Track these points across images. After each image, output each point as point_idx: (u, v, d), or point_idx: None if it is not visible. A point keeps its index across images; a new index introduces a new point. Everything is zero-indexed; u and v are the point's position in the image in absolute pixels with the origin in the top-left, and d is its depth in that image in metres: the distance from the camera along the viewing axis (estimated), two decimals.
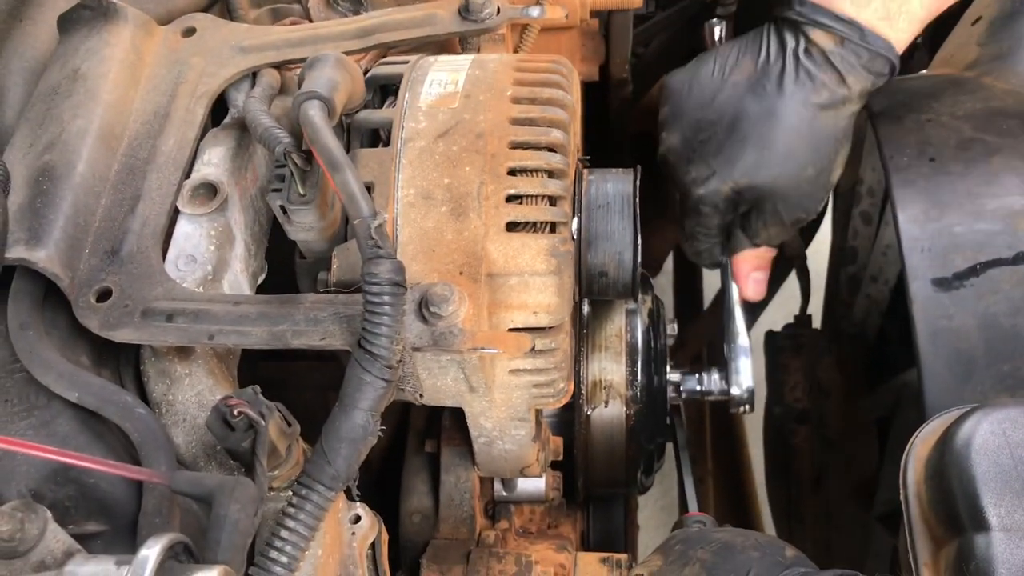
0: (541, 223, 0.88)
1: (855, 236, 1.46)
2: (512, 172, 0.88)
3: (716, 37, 1.42)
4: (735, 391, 1.23)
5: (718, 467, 1.93)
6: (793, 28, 1.09)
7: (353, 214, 0.78)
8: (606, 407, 1.22)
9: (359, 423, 0.76)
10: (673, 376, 1.31)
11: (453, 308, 0.81)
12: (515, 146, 0.89)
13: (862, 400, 1.45)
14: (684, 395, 1.29)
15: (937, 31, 1.43)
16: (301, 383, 1.41)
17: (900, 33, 1.10)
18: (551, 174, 0.89)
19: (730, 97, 1.12)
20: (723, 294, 1.30)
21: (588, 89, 1.53)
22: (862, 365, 1.48)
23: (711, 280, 2.15)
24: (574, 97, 0.97)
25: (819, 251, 1.75)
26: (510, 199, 0.88)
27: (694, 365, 1.37)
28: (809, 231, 1.82)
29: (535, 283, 0.87)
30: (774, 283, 1.88)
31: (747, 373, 1.24)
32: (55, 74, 1.01)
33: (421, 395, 0.88)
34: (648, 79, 1.79)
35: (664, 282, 2.45)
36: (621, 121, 1.60)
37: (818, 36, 1.08)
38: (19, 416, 0.84)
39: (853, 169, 1.48)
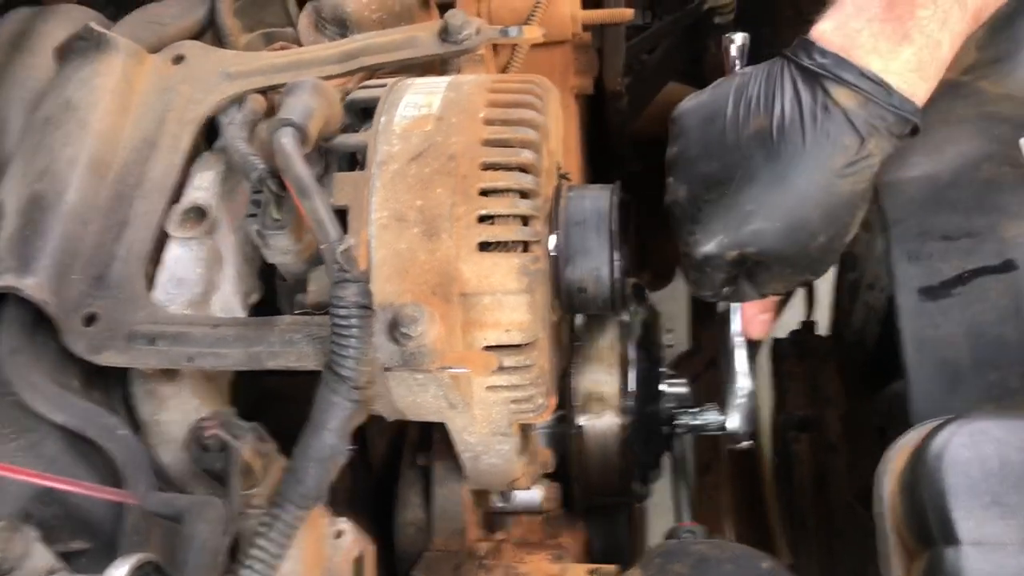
0: (513, 242, 0.90)
1: (854, 242, 1.45)
2: (484, 193, 0.90)
3: (735, 54, 1.29)
4: (730, 425, 1.22)
5: (734, 474, 1.93)
6: (811, 81, 0.97)
7: (321, 239, 0.80)
8: (599, 419, 1.23)
9: (328, 443, 0.79)
10: (669, 390, 1.32)
11: (422, 329, 0.83)
12: (486, 167, 0.90)
13: (862, 407, 1.45)
14: (679, 430, 1.29)
15: None
16: (305, 396, 1.44)
17: (929, 84, 1.00)
18: (522, 194, 0.90)
19: (742, 154, 1.00)
20: (726, 351, 1.27)
21: (587, 102, 1.54)
22: (862, 372, 1.47)
23: None
24: (550, 116, 0.98)
25: None
26: (482, 219, 0.89)
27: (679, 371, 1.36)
28: None
29: (508, 302, 0.89)
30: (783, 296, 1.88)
31: (746, 415, 1.22)
32: (48, 104, 1.04)
33: (391, 414, 0.90)
34: (652, 87, 1.80)
35: (678, 287, 2.45)
36: (619, 132, 1.60)
37: (839, 94, 0.96)
38: (9, 438, 0.87)
39: None
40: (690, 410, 1.30)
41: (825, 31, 0.98)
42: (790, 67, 1.00)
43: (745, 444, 1.25)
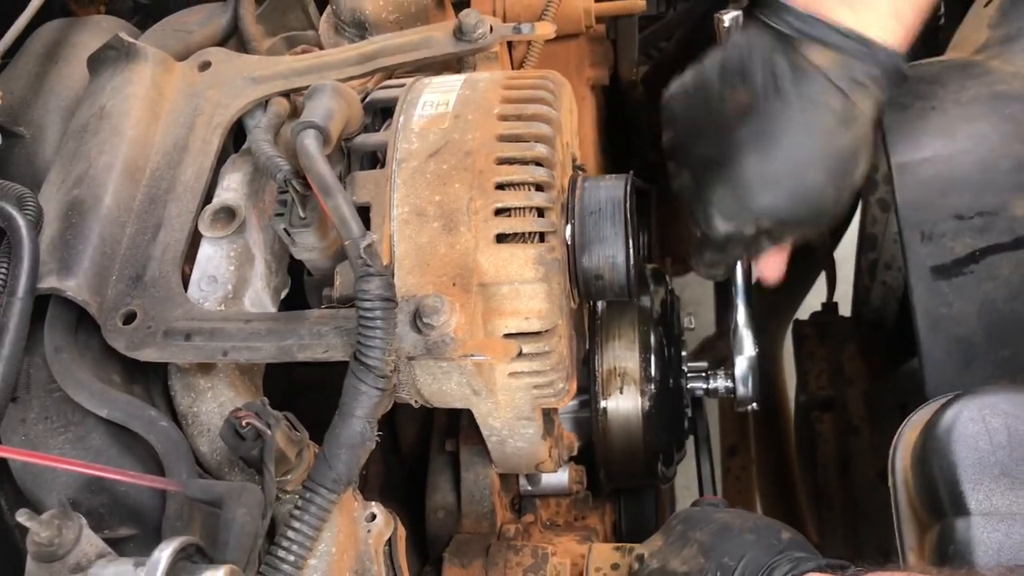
0: (530, 233, 0.93)
1: (873, 223, 1.48)
2: (500, 187, 0.93)
3: (726, 28, 1.34)
4: (741, 390, 1.26)
5: (761, 456, 1.95)
6: (786, 45, 0.95)
7: (344, 236, 0.84)
8: (621, 393, 1.25)
9: (357, 430, 0.82)
10: (689, 368, 1.34)
11: (444, 318, 0.86)
12: (502, 162, 0.94)
13: (883, 386, 1.46)
14: (691, 393, 1.32)
15: (963, 11, 1.43)
16: (331, 386, 1.48)
17: (908, 29, 0.96)
18: (537, 187, 0.93)
19: (732, 133, 0.99)
20: (732, 300, 1.30)
21: (603, 92, 1.57)
22: (882, 352, 1.49)
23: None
24: (563, 110, 1.01)
25: (850, 239, 1.76)
26: (498, 212, 0.92)
27: (706, 355, 1.39)
28: (840, 224, 1.82)
29: (525, 291, 0.92)
30: (806, 280, 1.89)
31: (752, 373, 1.25)
32: (84, 113, 1.09)
33: (417, 400, 0.93)
34: (669, 75, 1.82)
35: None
36: (636, 120, 1.63)
37: (816, 55, 0.94)
38: (57, 432, 0.92)
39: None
40: (701, 374, 1.33)
41: None
42: (765, 34, 0.97)
43: (753, 407, 1.28)
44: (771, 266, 1.18)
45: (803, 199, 1.00)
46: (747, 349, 1.26)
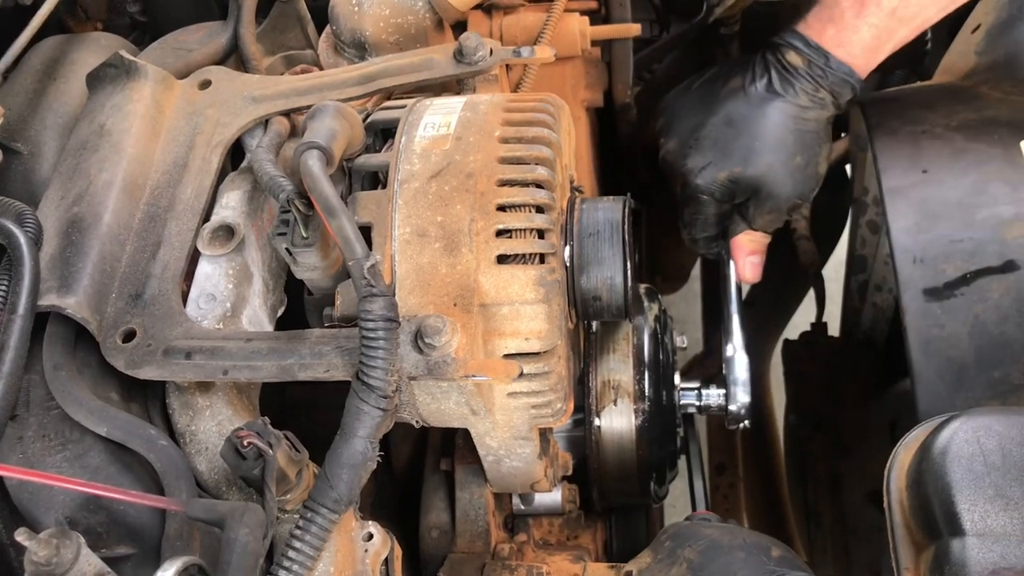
0: (530, 255, 0.94)
1: (863, 245, 1.49)
2: (501, 208, 0.94)
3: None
4: (732, 407, 1.27)
5: (749, 473, 1.96)
6: (773, 50, 1.24)
7: (348, 256, 0.84)
8: (615, 406, 1.26)
9: (359, 450, 0.83)
10: (681, 384, 1.35)
11: (446, 339, 0.87)
12: (503, 183, 0.94)
13: (872, 406, 1.48)
14: (683, 410, 1.33)
15: (950, 36, 1.46)
16: (329, 404, 1.48)
17: (856, 59, 1.22)
18: (538, 209, 0.94)
19: (723, 104, 1.26)
20: (722, 294, 1.36)
21: (597, 114, 1.58)
22: (873, 372, 1.51)
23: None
24: (562, 133, 1.02)
25: (839, 259, 1.77)
26: (500, 233, 0.93)
27: (694, 373, 1.40)
28: (828, 244, 1.85)
29: (525, 311, 0.93)
30: (795, 299, 1.92)
31: (744, 390, 1.27)
32: (84, 130, 1.09)
33: (418, 420, 0.94)
34: (661, 97, 1.84)
35: (691, 291, 2.48)
36: (629, 143, 1.64)
37: (792, 57, 1.23)
38: (55, 450, 0.92)
39: (861, 178, 1.51)
40: (694, 390, 1.34)
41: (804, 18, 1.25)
42: (763, 48, 1.27)
43: (745, 425, 1.29)
44: (750, 265, 1.37)
45: (775, 153, 1.23)
46: (740, 368, 1.28)
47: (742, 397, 1.28)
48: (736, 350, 1.31)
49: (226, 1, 1.30)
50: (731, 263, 1.37)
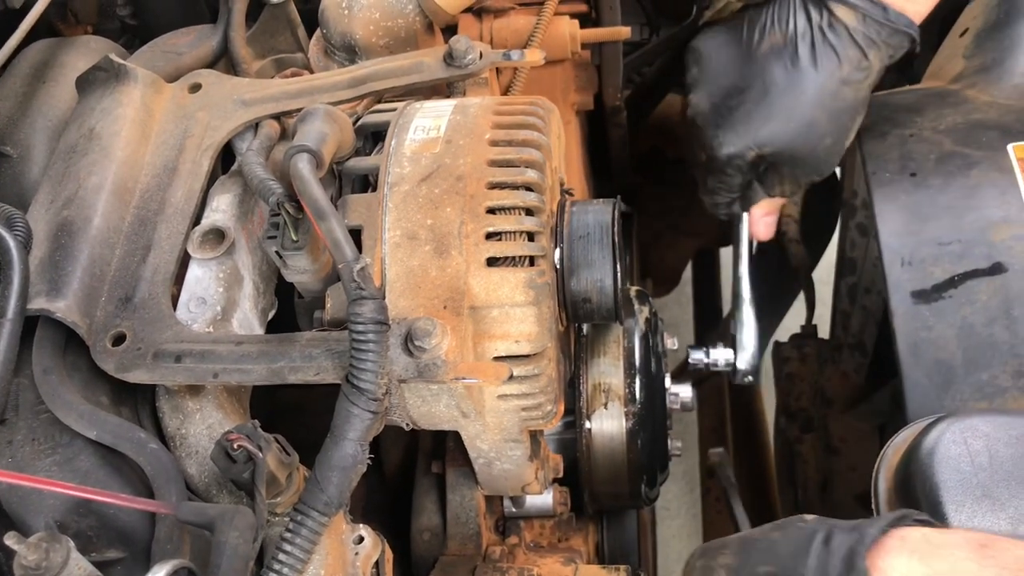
0: (520, 257, 0.94)
1: (852, 247, 1.50)
2: (491, 211, 0.94)
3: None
4: (740, 364, 1.28)
5: (740, 476, 1.96)
6: (818, 3, 1.14)
7: (338, 259, 0.85)
8: (606, 409, 1.26)
9: (349, 452, 0.83)
10: (674, 389, 1.36)
11: (436, 341, 0.87)
12: (493, 186, 0.95)
13: (861, 408, 1.49)
14: (691, 366, 1.34)
15: (941, 37, 1.47)
16: (319, 408, 1.48)
17: (919, 6, 1.14)
18: (528, 211, 0.95)
19: (759, 66, 1.18)
20: (734, 253, 1.36)
21: (587, 117, 1.59)
22: (862, 374, 1.51)
23: (728, 292, 2.19)
24: (552, 136, 1.03)
25: (828, 262, 1.78)
26: (489, 236, 0.93)
27: (686, 376, 1.41)
28: (818, 246, 1.86)
29: (515, 314, 0.93)
30: (786, 298, 1.92)
31: (751, 344, 1.28)
32: (73, 133, 1.09)
33: (408, 423, 0.94)
34: (651, 100, 1.85)
35: (682, 293, 2.49)
36: (619, 145, 1.65)
37: (842, 12, 1.13)
38: (45, 453, 0.91)
39: (850, 182, 1.51)
40: (700, 347, 1.35)
41: None
42: None
43: (748, 380, 1.30)
44: (764, 224, 1.34)
45: (805, 135, 1.16)
46: (748, 325, 1.29)
47: (751, 353, 1.29)
48: (745, 307, 1.31)
49: (216, 5, 1.30)
50: (743, 223, 1.36)
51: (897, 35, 1.14)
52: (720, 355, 1.35)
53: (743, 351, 1.32)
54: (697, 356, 1.36)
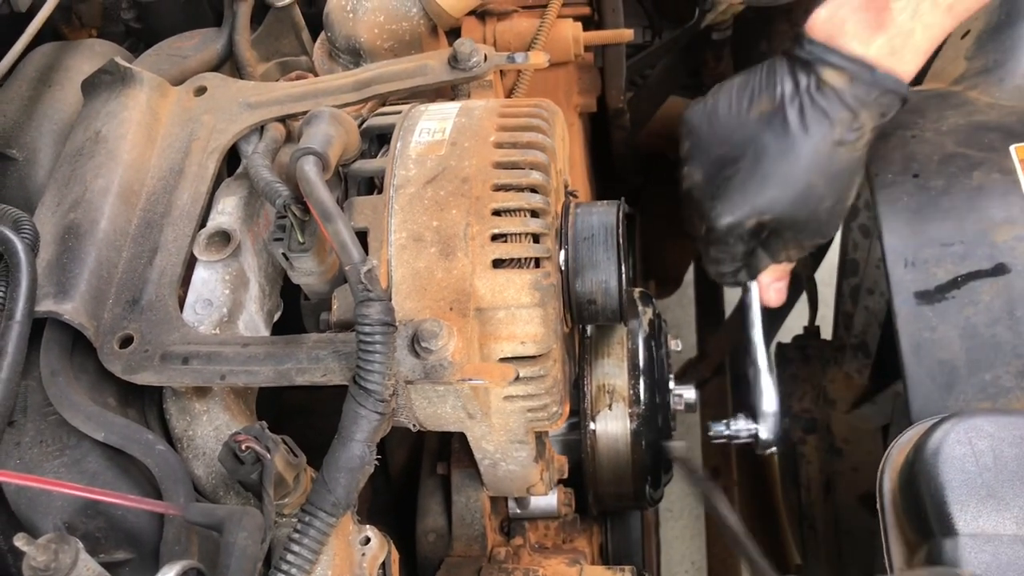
0: (525, 259, 0.94)
1: (855, 249, 1.50)
2: (496, 213, 0.94)
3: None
4: (763, 435, 1.26)
5: (743, 478, 1.97)
6: (805, 67, 1.11)
7: (345, 261, 0.85)
8: (610, 410, 1.27)
9: (356, 453, 0.83)
10: (677, 390, 1.36)
11: (442, 343, 0.87)
12: (498, 188, 0.95)
13: (865, 408, 1.49)
14: (711, 439, 1.32)
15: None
16: (326, 410, 1.48)
17: (907, 65, 1.11)
18: (533, 213, 0.95)
19: (750, 134, 1.14)
20: (744, 324, 1.32)
21: (590, 119, 1.59)
22: (865, 375, 1.52)
23: (731, 293, 2.19)
24: (556, 138, 1.03)
25: (831, 263, 1.79)
26: (495, 238, 0.94)
27: (688, 377, 1.40)
28: (820, 248, 1.86)
29: (521, 315, 0.93)
30: (789, 301, 1.93)
31: (773, 413, 1.26)
32: (79, 136, 1.09)
33: (415, 424, 0.94)
34: (654, 101, 1.85)
35: (685, 295, 2.50)
36: (622, 147, 1.65)
37: (829, 75, 1.09)
38: (53, 455, 0.92)
39: None
40: (722, 420, 1.33)
41: (817, 20, 1.11)
42: (786, 60, 1.13)
43: (773, 451, 1.28)
44: (774, 291, 1.30)
45: (803, 200, 1.13)
46: (768, 396, 1.26)
47: (773, 424, 1.26)
48: (763, 376, 1.29)
49: (220, 8, 1.31)
50: (752, 291, 1.30)
51: (887, 95, 1.10)
52: (742, 426, 1.33)
53: (765, 421, 1.30)
54: (718, 429, 1.34)
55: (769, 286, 1.30)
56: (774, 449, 1.29)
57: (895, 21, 1.07)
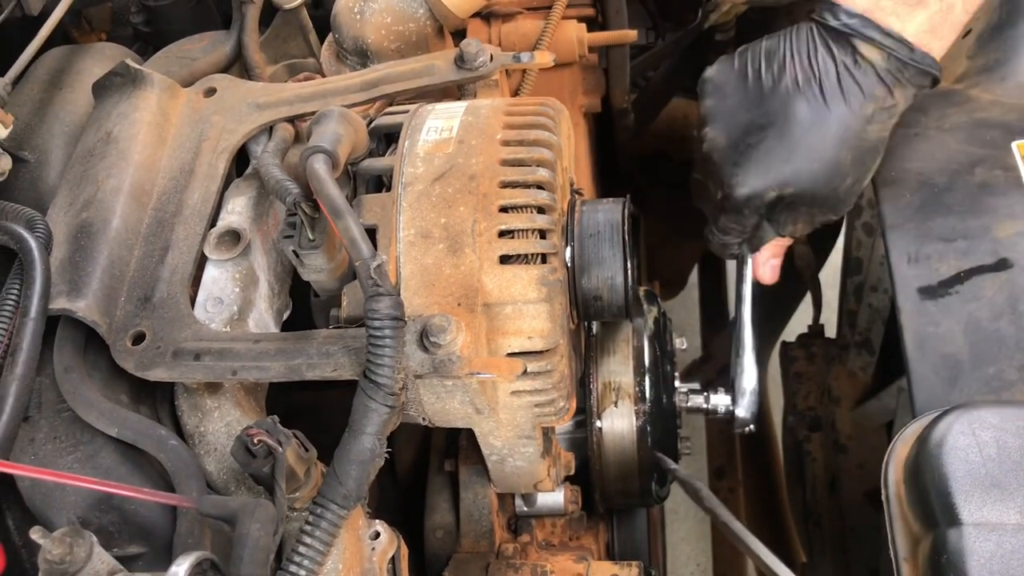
0: (532, 255, 0.95)
1: (859, 247, 1.51)
2: (503, 209, 0.95)
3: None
4: (740, 413, 1.28)
5: (748, 477, 1.98)
6: (841, 39, 1.09)
7: (355, 256, 0.86)
8: (616, 407, 1.27)
9: (367, 446, 0.84)
10: (681, 386, 1.37)
11: (451, 337, 0.88)
12: (505, 185, 0.96)
13: (869, 405, 1.50)
14: (688, 411, 1.34)
15: None
16: (333, 408, 1.49)
17: (943, 43, 1.11)
18: (540, 209, 0.96)
19: (781, 102, 1.11)
20: (737, 296, 1.34)
21: (594, 119, 1.61)
22: (869, 372, 1.52)
23: (731, 293, 2.20)
24: (562, 136, 1.04)
25: (834, 262, 1.80)
26: (502, 234, 0.95)
27: (694, 376, 1.41)
28: (824, 247, 1.87)
29: (528, 310, 0.94)
30: (792, 302, 1.94)
31: (751, 391, 1.28)
32: (90, 137, 1.11)
33: (424, 418, 0.95)
34: (658, 102, 1.86)
35: (689, 297, 2.51)
36: (626, 147, 1.66)
37: (867, 50, 1.08)
38: (67, 451, 0.93)
39: None
40: (702, 392, 1.34)
41: None
42: (817, 28, 1.10)
43: (749, 429, 1.30)
44: (768, 268, 1.28)
45: (828, 175, 1.11)
46: (749, 373, 1.28)
47: (750, 402, 1.28)
48: (746, 355, 1.30)
49: (228, 11, 1.32)
50: (747, 266, 1.32)
51: (921, 75, 1.09)
52: (720, 401, 1.34)
53: (742, 398, 1.30)
54: (696, 401, 1.35)
55: (766, 262, 1.29)
56: (751, 428, 1.30)
57: None
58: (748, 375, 1.30)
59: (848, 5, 1.08)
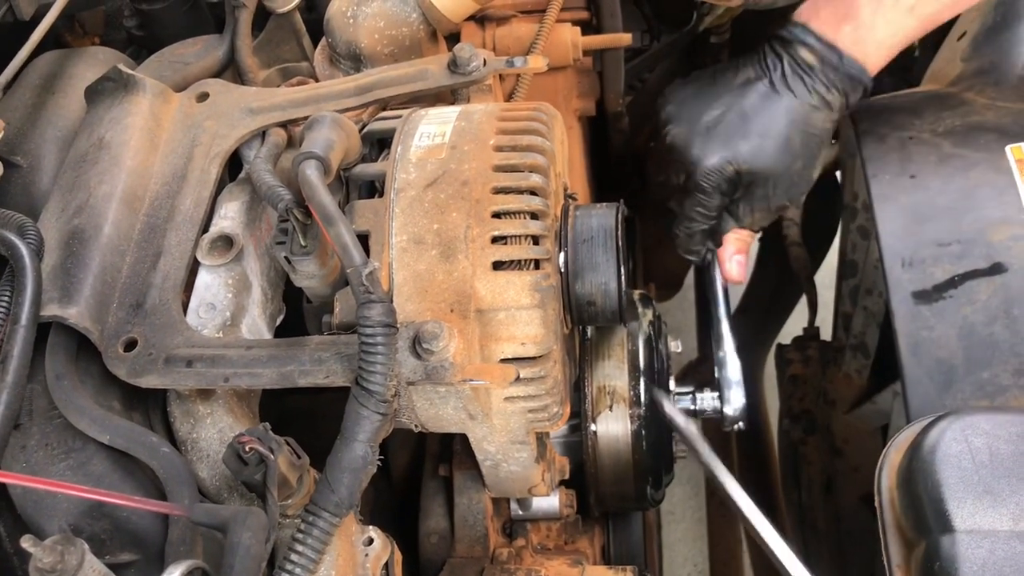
0: (525, 261, 0.95)
1: (854, 250, 1.51)
2: (496, 215, 0.95)
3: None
4: (728, 410, 1.28)
5: (744, 480, 1.97)
6: (786, 44, 1.22)
7: (347, 263, 0.86)
8: (611, 411, 1.27)
9: (359, 454, 0.84)
10: (675, 389, 1.37)
11: (443, 344, 0.88)
12: (498, 191, 0.96)
13: (864, 409, 1.49)
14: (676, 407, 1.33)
15: (937, 43, 1.49)
16: (327, 413, 1.49)
17: (870, 57, 1.19)
18: (532, 215, 0.96)
19: (737, 94, 1.24)
20: (710, 297, 1.36)
21: (589, 123, 1.60)
22: (864, 375, 1.52)
23: (732, 292, 2.20)
24: (556, 141, 1.04)
25: (830, 264, 1.80)
26: (495, 240, 0.95)
27: (689, 379, 1.41)
28: (820, 250, 1.87)
29: (521, 316, 0.94)
30: (787, 305, 1.94)
31: (739, 392, 1.28)
32: (83, 143, 1.10)
33: (417, 424, 0.95)
34: (653, 105, 1.86)
35: (685, 298, 2.50)
36: (620, 150, 1.66)
37: (805, 54, 1.20)
38: (59, 458, 0.93)
39: (851, 184, 1.53)
40: (688, 394, 1.35)
41: (802, 5, 1.23)
42: (769, 40, 1.25)
43: (739, 427, 1.30)
44: (734, 265, 1.36)
45: (780, 153, 1.22)
46: (732, 370, 1.29)
47: (737, 399, 1.29)
48: (727, 352, 1.31)
49: (222, 15, 1.32)
50: (715, 267, 1.37)
51: (850, 81, 1.20)
52: (708, 402, 1.35)
53: (729, 390, 1.32)
54: (684, 404, 1.36)
55: (731, 258, 1.35)
56: (740, 425, 1.32)
57: (859, 14, 1.17)
58: (732, 366, 1.31)
59: (795, 16, 1.22)
